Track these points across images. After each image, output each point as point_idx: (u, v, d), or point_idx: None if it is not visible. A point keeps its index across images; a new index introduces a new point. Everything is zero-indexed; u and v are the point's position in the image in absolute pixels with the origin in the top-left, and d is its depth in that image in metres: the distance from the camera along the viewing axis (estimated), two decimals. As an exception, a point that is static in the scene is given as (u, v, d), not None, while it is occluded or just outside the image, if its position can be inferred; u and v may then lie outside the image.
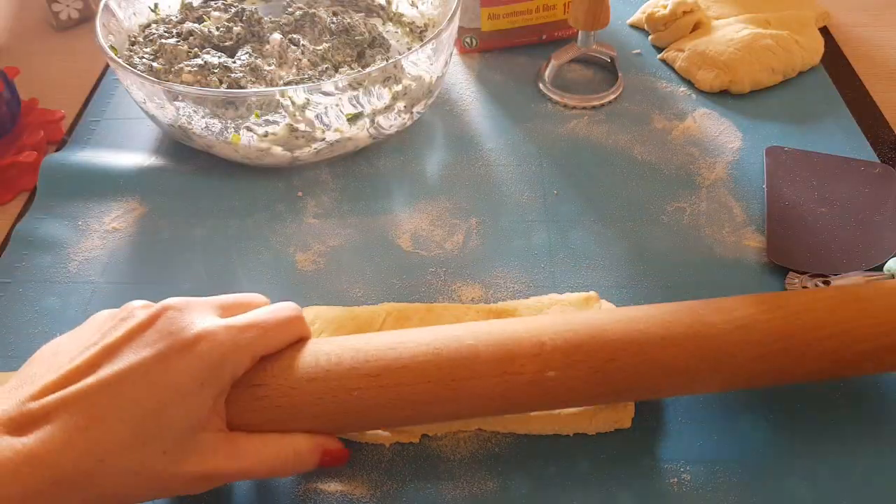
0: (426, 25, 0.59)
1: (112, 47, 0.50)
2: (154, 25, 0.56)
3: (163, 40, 0.53)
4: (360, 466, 0.36)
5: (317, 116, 0.47)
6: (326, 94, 0.46)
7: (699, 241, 0.46)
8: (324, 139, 0.49)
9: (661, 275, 0.45)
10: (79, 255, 0.47)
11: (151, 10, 0.58)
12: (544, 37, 0.63)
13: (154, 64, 0.52)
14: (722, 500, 0.34)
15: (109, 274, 0.46)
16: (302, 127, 0.47)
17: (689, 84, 0.59)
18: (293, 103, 0.46)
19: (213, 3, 0.59)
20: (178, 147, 0.54)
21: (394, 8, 0.61)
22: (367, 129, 0.50)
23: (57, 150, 0.55)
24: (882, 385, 0.38)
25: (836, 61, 0.61)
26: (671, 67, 0.61)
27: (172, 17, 0.58)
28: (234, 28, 0.55)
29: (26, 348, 0.32)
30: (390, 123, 0.51)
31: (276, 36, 0.54)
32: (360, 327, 0.39)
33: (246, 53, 0.53)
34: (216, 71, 0.50)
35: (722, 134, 0.54)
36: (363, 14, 0.59)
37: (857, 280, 0.42)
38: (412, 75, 0.49)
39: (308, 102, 0.46)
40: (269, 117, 0.47)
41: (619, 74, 0.59)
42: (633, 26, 0.66)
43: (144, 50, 0.53)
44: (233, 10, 0.57)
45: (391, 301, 0.42)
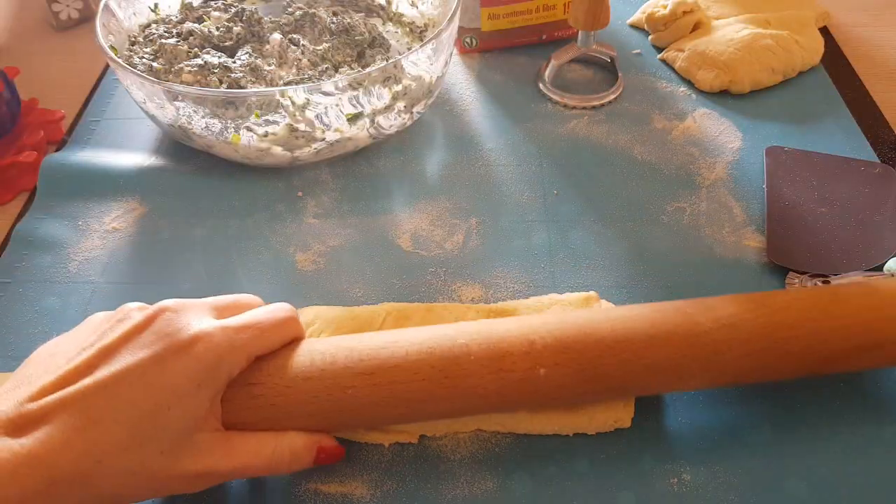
0: (426, 25, 0.59)
1: (112, 47, 0.50)
2: (154, 25, 0.56)
3: (163, 40, 0.53)
4: (359, 466, 0.36)
5: (317, 116, 0.47)
6: (326, 94, 0.46)
7: (699, 241, 0.46)
8: (324, 139, 0.49)
9: (661, 275, 0.45)
10: (79, 255, 0.47)
11: (151, 10, 0.58)
12: (544, 37, 0.63)
13: (154, 64, 0.52)
14: (722, 500, 0.34)
15: (109, 274, 0.46)
16: (302, 127, 0.47)
17: (689, 84, 0.59)
18: (293, 103, 0.46)
19: (213, 3, 0.59)
20: (178, 147, 0.54)
21: (394, 8, 0.61)
22: (367, 129, 0.50)
23: (57, 150, 0.55)
24: (882, 385, 0.38)
25: (836, 61, 0.61)
26: (671, 67, 0.61)
27: (172, 17, 0.58)
28: (234, 28, 0.55)
29: (26, 348, 0.32)
30: (390, 123, 0.51)
31: (276, 36, 0.54)
32: (360, 327, 0.39)
33: (246, 53, 0.53)
34: (216, 71, 0.50)
35: (722, 134, 0.54)
36: (363, 14, 0.59)
37: (856, 280, 0.42)
38: (412, 75, 0.49)
39: (308, 102, 0.46)
40: (269, 117, 0.47)
41: (619, 74, 0.59)
42: (633, 26, 0.66)
43: (144, 50, 0.53)
44: (233, 10, 0.57)
45: (391, 301, 0.42)
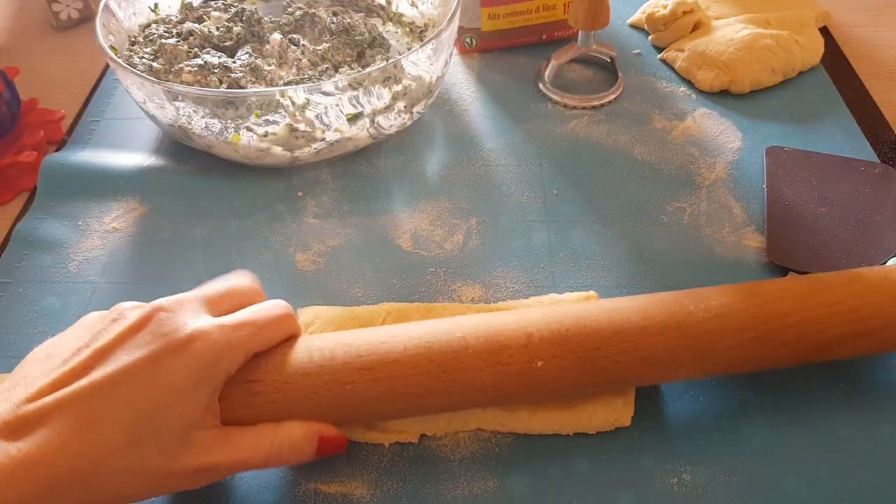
0: (426, 25, 0.59)
1: (112, 47, 0.50)
2: (154, 25, 0.56)
3: (163, 40, 0.53)
4: (360, 466, 0.36)
5: (317, 116, 0.47)
6: (326, 94, 0.46)
7: (699, 241, 0.46)
8: (324, 139, 0.49)
9: (661, 275, 0.45)
10: (79, 255, 0.47)
11: (151, 10, 0.58)
12: (544, 37, 0.63)
13: (154, 64, 0.52)
14: (722, 500, 0.34)
15: (109, 274, 0.46)
16: (302, 127, 0.47)
17: (689, 84, 0.59)
18: (293, 103, 0.46)
19: (213, 3, 0.59)
20: (178, 147, 0.54)
21: (394, 8, 0.61)
22: (367, 129, 0.50)
23: (57, 150, 0.55)
24: (882, 385, 0.38)
25: (836, 61, 0.61)
26: (671, 67, 0.61)
27: (172, 17, 0.58)
28: (234, 28, 0.55)
29: (26, 348, 0.32)
30: (390, 123, 0.51)
31: (276, 36, 0.54)
32: (360, 327, 0.38)
33: (246, 53, 0.53)
34: (216, 71, 0.50)
35: (722, 134, 0.54)
36: (363, 14, 0.59)
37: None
38: (412, 75, 0.49)
39: (308, 102, 0.46)
40: (269, 117, 0.47)
41: (619, 74, 0.58)
42: (633, 26, 0.66)
43: (144, 50, 0.53)
44: (233, 10, 0.57)
45: (391, 301, 0.42)
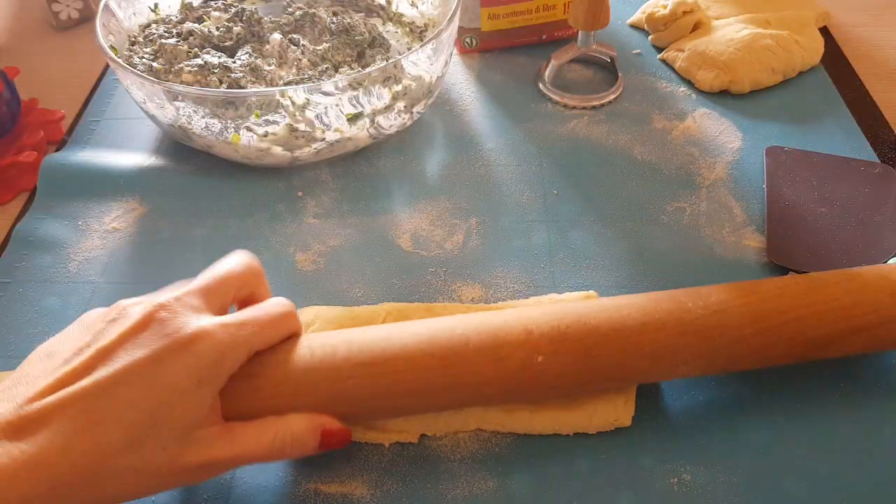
0: (426, 25, 0.59)
1: (112, 47, 0.50)
2: (154, 25, 0.56)
3: (163, 40, 0.53)
4: (360, 466, 0.36)
5: (317, 116, 0.47)
6: (326, 94, 0.46)
7: (699, 241, 0.46)
8: (324, 139, 0.49)
9: (661, 275, 0.45)
10: (79, 255, 0.47)
11: (151, 10, 0.58)
12: (544, 37, 0.63)
13: (154, 64, 0.52)
14: (722, 500, 0.34)
15: (109, 274, 0.46)
16: (302, 127, 0.47)
17: (689, 84, 0.59)
18: (293, 103, 0.46)
19: (213, 3, 0.59)
20: (178, 147, 0.54)
21: (394, 8, 0.61)
22: (367, 129, 0.50)
23: (57, 150, 0.55)
24: (882, 385, 0.38)
25: (836, 61, 0.61)
26: (671, 67, 0.61)
27: (172, 17, 0.58)
28: (234, 28, 0.55)
29: (26, 348, 0.32)
30: (390, 123, 0.51)
31: (276, 36, 0.54)
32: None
33: (246, 53, 0.53)
34: (216, 71, 0.50)
35: (722, 134, 0.54)
36: (363, 14, 0.59)
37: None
38: (412, 75, 0.49)
39: (308, 102, 0.46)
40: (269, 117, 0.47)
41: (619, 74, 0.58)
42: (633, 26, 0.66)
43: (144, 50, 0.53)
44: (233, 10, 0.57)
45: (391, 301, 0.42)
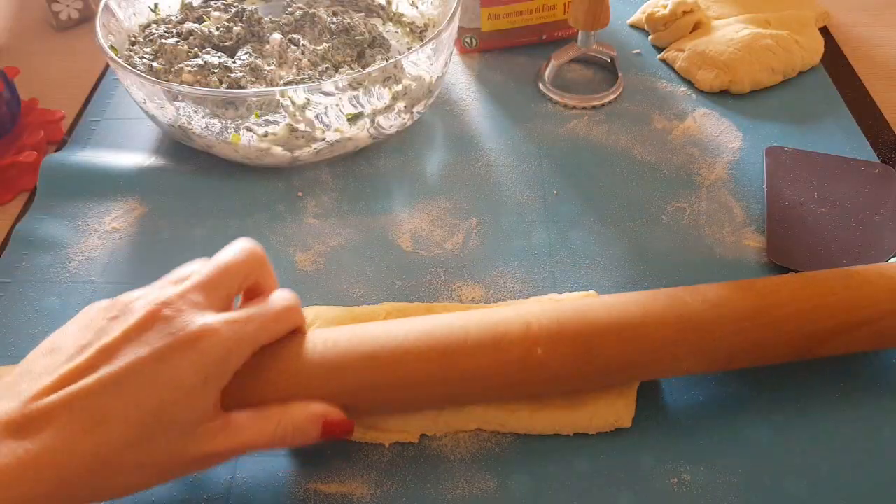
0: (426, 25, 0.59)
1: (112, 47, 0.50)
2: (154, 25, 0.56)
3: (163, 40, 0.53)
4: (360, 466, 0.36)
5: (317, 116, 0.47)
6: (326, 94, 0.46)
7: (699, 241, 0.46)
8: (324, 139, 0.49)
9: (661, 275, 0.45)
10: (79, 255, 0.47)
11: (151, 10, 0.58)
12: (544, 37, 0.63)
13: (154, 64, 0.52)
14: (722, 500, 0.34)
15: (109, 274, 0.46)
16: (302, 127, 0.47)
17: (689, 84, 0.59)
18: (293, 103, 0.46)
19: (213, 3, 0.59)
20: (178, 147, 0.54)
21: (394, 8, 0.61)
22: (367, 129, 0.50)
23: (57, 150, 0.55)
24: (882, 384, 0.38)
25: (836, 61, 0.61)
26: (671, 67, 0.61)
27: (172, 17, 0.58)
28: (234, 28, 0.55)
29: (26, 348, 0.32)
30: (390, 123, 0.51)
31: (276, 36, 0.54)
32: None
33: (246, 53, 0.53)
34: (216, 71, 0.50)
35: (722, 134, 0.54)
36: (363, 14, 0.59)
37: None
38: (412, 75, 0.49)
39: (308, 102, 0.46)
40: (269, 117, 0.47)
41: (619, 74, 0.58)
42: (633, 26, 0.66)
43: (144, 50, 0.53)
44: (233, 10, 0.57)
45: (391, 301, 0.42)
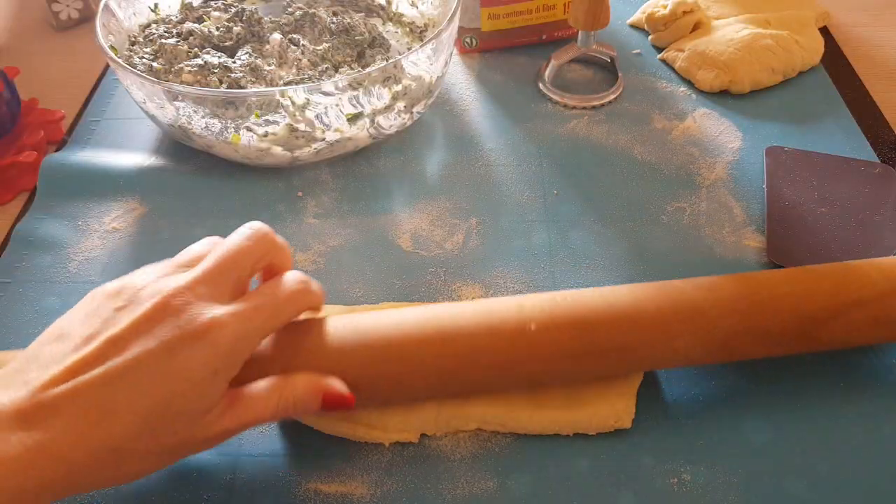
0: (426, 25, 0.59)
1: (112, 47, 0.50)
2: (154, 25, 0.56)
3: (163, 40, 0.53)
4: (359, 466, 0.36)
5: (317, 116, 0.47)
6: (326, 94, 0.46)
7: (699, 241, 0.46)
8: (324, 139, 0.49)
9: (661, 275, 0.44)
10: (79, 255, 0.47)
11: (151, 10, 0.58)
12: (544, 37, 0.63)
13: (154, 64, 0.52)
14: (722, 500, 0.34)
15: (109, 274, 0.46)
16: (302, 127, 0.47)
17: (689, 84, 0.59)
18: (293, 103, 0.46)
19: (213, 3, 0.59)
20: (178, 147, 0.54)
21: (394, 8, 0.61)
22: (367, 129, 0.50)
23: (57, 150, 0.55)
24: (882, 383, 0.39)
25: (836, 61, 0.61)
26: (671, 67, 0.61)
27: (172, 17, 0.58)
28: (234, 28, 0.55)
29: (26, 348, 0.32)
30: (390, 123, 0.51)
31: (276, 36, 0.54)
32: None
33: (246, 53, 0.53)
34: (216, 71, 0.50)
35: (722, 134, 0.54)
36: (363, 14, 0.59)
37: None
38: (412, 75, 0.49)
39: (308, 102, 0.46)
40: (269, 117, 0.47)
41: (619, 74, 0.58)
42: (633, 26, 0.66)
43: (144, 50, 0.53)
44: (233, 10, 0.57)
45: (391, 301, 0.42)
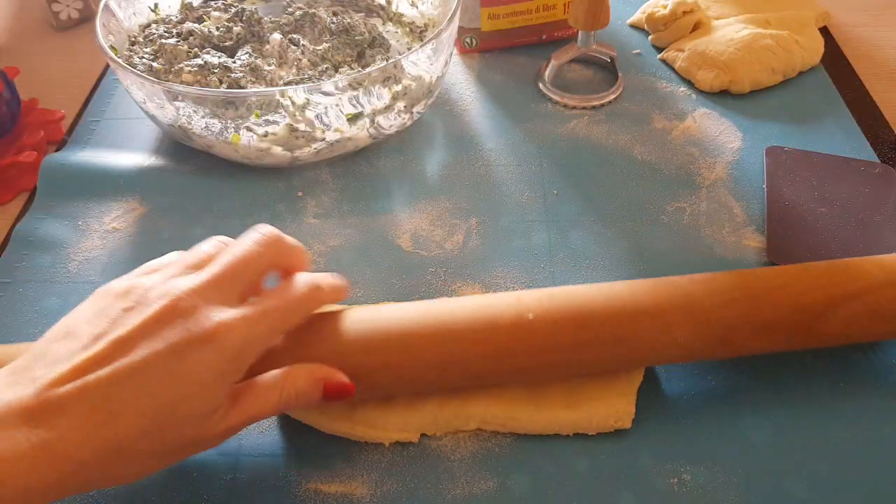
0: (426, 25, 0.59)
1: (112, 47, 0.50)
2: (154, 25, 0.56)
3: (163, 40, 0.53)
4: (360, 466, 0.36)
5: (317, 116, 0.47)
6: (326, 94, 0.46)
7: (699, 241, 0.46)
8: (324, 139, 0.49)
9: (661, 275, 0.44)
10: (79, 255, 0.47)
11: (151, 10, 0.58)
12: (544, 37, 0.63)
13: (154, 64, 0.52)
14: (722, 500, 0.34)
15: (109, 274, 0.46)
16: (302, 127, 0.47)
17: (689, 84, 0.59)
18: (293, 103, 0.46)
19: (213, 3, 0.59)
20: (178, 147, 0.54)
21: (394, 8, 0.61)
22: (367, 129, 0.50)
23: (57, 150, 0.55)
24: (882, 385, 0.39)
25: (836, 61, 0.61)
26: (671, 67, 0.61)
27: (172, 17, 0.58)
28: (234, 28, 0.55)
29: (26, 348, 0.32)
30: (390, 123, 0.51)
31: (276, 36, 0.54)
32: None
33: (246, 53, 0.53)
34: (216, 71, 0.50)
35: (722, 134, 0.54)
36: (363, 14, 0.59)
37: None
38: (412, 75, 0.49)
39: (308, 102, 0.46)
40: (269, 117, 0.47)
41: (619, 74, 0.59)
42: (633, 26, 0.66)
43: (144, 50, 0.53)
44: (233, 10, 0.57)
45: (391, 301, 0.42)
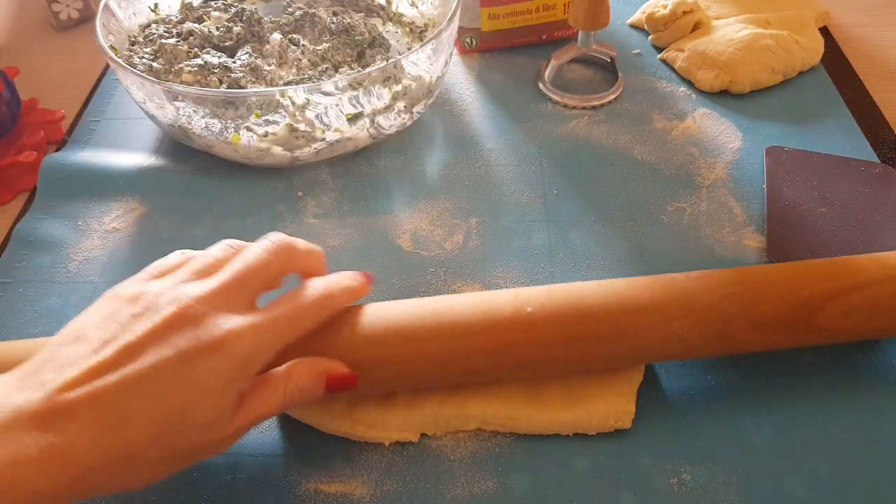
0: (426, 25, 0.59)
1: (112, 47, 0.50)
2: (154, 25, 0.56)
3: (163, 40, 0.53)
4: (360, 466, 0.36)
5: (317, 116, 0.47)
6: (326, 94, 0.46)
7: (699, 241, 0.46)
8: (324, 139, 0.49)
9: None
10: (79, 255, 0.47)
11: (151, 10, 0.58)
12: (544, 37, 0.63)
13: (154, 64, 0.52)
14: (722, 500, 0.34)
15: (109, 274, 0.46)
16: (302, 127, 0.47)
17: (689, 84, 0.59)
18: (293, 103, 0.46)
19: (213, 3, 0.59)
20: (178, 147, 0.54)
21: (394, 8, 0.61)
22: (367, 129, 0.50)
23: (57, 150, 0.55)
24: (881, 383, 0.39)
25: (836, 61, 0.61)
26: (671, 67, 0.61)
27: (172, 17, 0.58)
28: (234, 28, 0.55)
29: (26, 348, 0.32)
30: (390, 123, 0.51)
31: (276, 36, 0.54)
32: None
33: (246, 53, 0.53)
34: (216, 71, 0.50)
35: (722, 134, 0.54)
36: (363, 14, 0.59)
37: None
38: (412, 75, 0.49)
39: (308, 102, 0.46)
40: (269, 117, 0.47)
41: (619, 74, 0.59)
42: (633, 26, 0.66)
43: (144, 50, 0.53)
44: (233, 10, 0.57)
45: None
